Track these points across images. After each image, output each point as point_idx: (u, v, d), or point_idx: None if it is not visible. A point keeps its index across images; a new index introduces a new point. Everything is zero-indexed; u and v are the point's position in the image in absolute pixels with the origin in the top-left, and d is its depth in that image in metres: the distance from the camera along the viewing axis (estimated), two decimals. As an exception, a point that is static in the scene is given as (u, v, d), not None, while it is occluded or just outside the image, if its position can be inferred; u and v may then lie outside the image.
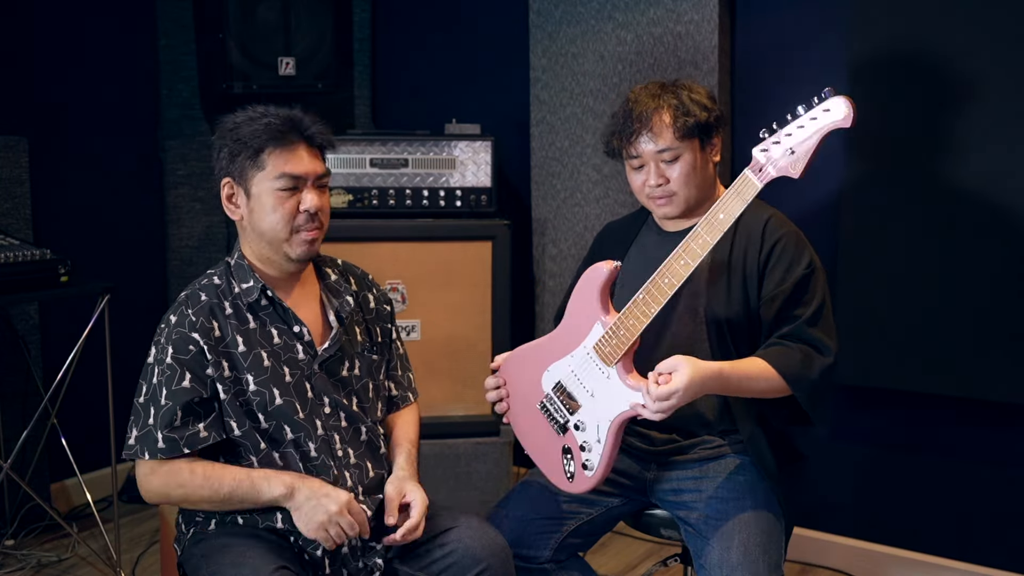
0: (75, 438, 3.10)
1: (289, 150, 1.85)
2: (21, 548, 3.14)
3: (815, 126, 1.69)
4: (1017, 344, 2.56)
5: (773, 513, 1.98)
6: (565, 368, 2.01)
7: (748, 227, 2.04)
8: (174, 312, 1.87)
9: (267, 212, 1.85)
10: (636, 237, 2.21)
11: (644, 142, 2.03)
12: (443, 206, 3.15)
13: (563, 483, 2.03)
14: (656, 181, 2.04)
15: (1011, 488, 2.73)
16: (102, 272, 3.10)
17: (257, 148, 1.84)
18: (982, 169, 2.58)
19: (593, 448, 1.95)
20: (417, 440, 2.10)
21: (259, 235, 1.88)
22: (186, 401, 1.80)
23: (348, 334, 1.99)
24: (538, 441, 2.07)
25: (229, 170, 1.88)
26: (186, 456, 1.81)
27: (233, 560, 1.77)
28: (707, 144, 2.05)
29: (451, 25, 3.73)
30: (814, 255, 2.02)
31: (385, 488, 1.93)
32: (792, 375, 1.89)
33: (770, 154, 1.73)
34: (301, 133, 1.87)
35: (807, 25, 2.90)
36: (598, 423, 1.94)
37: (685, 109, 2.01)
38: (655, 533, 2.17)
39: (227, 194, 1.89)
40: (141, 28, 3.59)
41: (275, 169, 1.84)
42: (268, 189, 1.85)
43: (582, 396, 1.98)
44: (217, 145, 1.90)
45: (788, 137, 1.71)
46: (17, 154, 3.19)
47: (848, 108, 1.66)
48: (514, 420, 2.13)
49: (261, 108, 1.90)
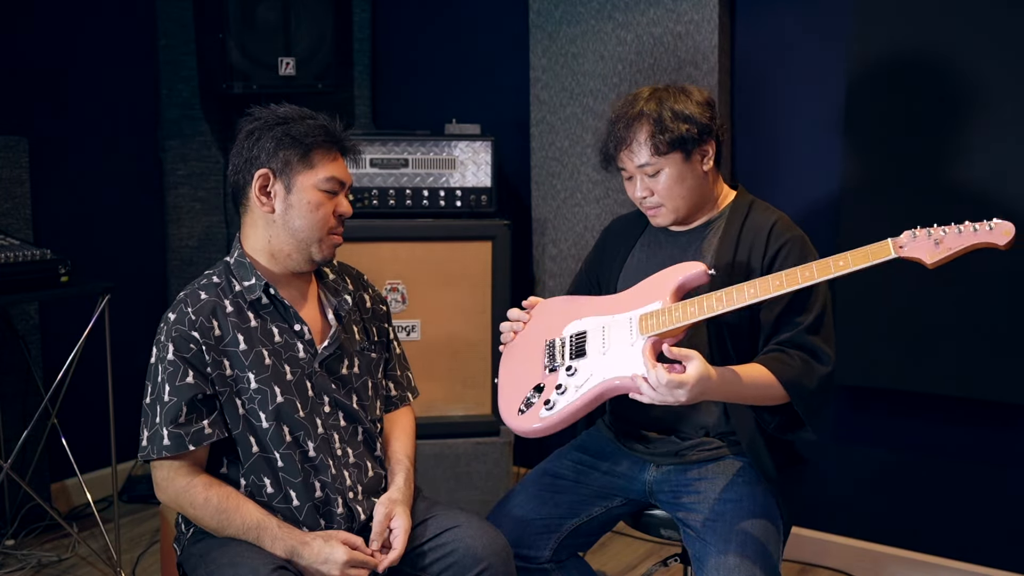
0: (75, 438, 3.10)
1: (334, 155, 1.90)
2: (21, 548, 3.14)
3: (972, 236, 1.68)
4: (1017, 344, 2.56)
5: (771, 516, 1.97)
6: (597, 323, 1.98)
7: (754, 229, 2.03)
8: (173, 310, 1.86)
9: (307, 211, 1.86)
10: (643, 233, 2.21)
11: (625, 158, 2.04)
12: (443, 206, 3.15)
13: (511, 415, 1.95)
14: (642, 193, 2.06)
15: (1011, 488, 2.73)
16: (102, 272, 3.10)
17: (309, 146, 1.86)
18: (982, 169, 2.58)
19: (568, 393, 1.89)
20: (414, 453, 2.10)
21: (290, 232, 1.88)
22: (190, 397, 1.80)
23: (347, 332, 1.99)
24: (517, 369, 2.04)
25: (269, 162, 1.86)
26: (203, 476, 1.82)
27: (231, 560, 1.77)
28: (693, 154, 2.02)
29: (451, 25, 3.73)
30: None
31: (375, 508, 1.91)
32: (791, 383, 1.89)
33: (918, 237, 1.71)
34: (342, 144, 1.92)
35: (807, 25, 2.90)
36: (591, 375, 1.88)
37: (663, 126, 1.99)
38: (655, 533, 2.17)
39: (261, 184, 1.87)
40: (141, 28, 3.59)
41: (324, 171, 1.87)
42: (312, 188, 1.86)
43: (595, 349, 1.93)
44: (256, 134, 1.87)
45: (943, 234, 1.71)
46: (17, 154, 3.19)
47: (1011, 236, 1.66)
48: (509, 347, 2.11)
49: (300, 108, 1.92)
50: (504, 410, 1.99)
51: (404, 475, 1.99)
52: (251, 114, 1.92)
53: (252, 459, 1.84)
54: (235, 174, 1.90)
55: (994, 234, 1.66)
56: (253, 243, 1.92)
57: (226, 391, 1.83)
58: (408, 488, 1.98)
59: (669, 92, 2.05)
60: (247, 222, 1.93)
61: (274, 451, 1.85)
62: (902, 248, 1.71)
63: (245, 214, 1.93)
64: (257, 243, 1.91)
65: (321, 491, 1.87)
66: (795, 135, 2.95)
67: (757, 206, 2.10)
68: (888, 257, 1.72)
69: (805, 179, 2.94)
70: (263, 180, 1.87)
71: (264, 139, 1.87)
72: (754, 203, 2.11)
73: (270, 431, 1.84)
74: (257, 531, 1.80)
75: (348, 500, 1.90)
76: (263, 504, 1.83)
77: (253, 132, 1.88)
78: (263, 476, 1.85)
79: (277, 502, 1.84)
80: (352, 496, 1.90)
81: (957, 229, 1.69)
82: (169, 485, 1.82)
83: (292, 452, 1.85)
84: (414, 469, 2.05)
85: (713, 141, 2.05)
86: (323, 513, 1.87)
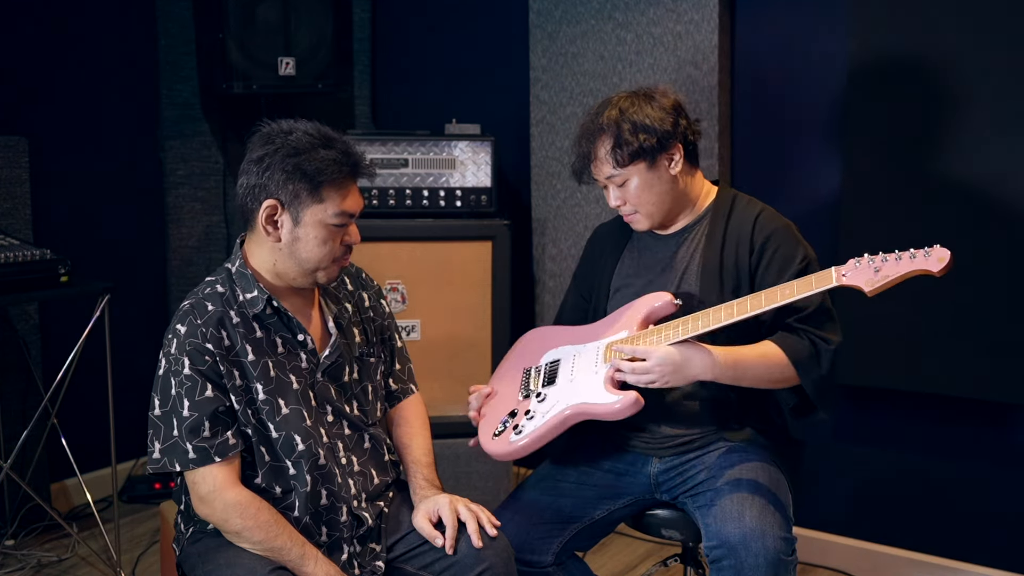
0: (75, 438, 3.10)
1: (347, 188, 1.84)
2: (21, 548, 3.14)
3: (909, 263, 1.76)
4: (1017, 344, 2.56)
5: (778, 472, 2.02)
6: (570, 352, 2.11)
7: (739, 224, 2.06)
8: (181, 323, 1.83)
9: (315, 244, 1.83)
10: (629, 241, 2.22)
11: (594, 170, 2.10)
12: (443, 206, 3.15)
13: (486, 438, 2.08)
14: (616, 202, 2.11)
15: (1011, 488, 2.73)
16: (102, 272, 3.10)
17: (320, 183, 1.80)
18: (982, 169, 2.58)
19: (535, 419, 2.01)
20: (431, 445, 2.10)
21: (296, 261, 1.85)
22: (212, 411, 1.79)
23: (347, 338, 1.99)
24: (497, 396, 2.17)
25: (278, 193, 1.80)
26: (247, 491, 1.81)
27: (229, 560, 1.78)
28: (658, 161, 2.04)
29: (451, 25, 3.73)
30: (807, 247, 2.05)
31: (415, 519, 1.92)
32: (801, 363, 1.93)
33: (860, 266, 1.80)
34: (356, 171, 1.85)
35: (807, 25, 2.90)
36: (557, 402, 2.00)
37: (621, 139, 2.02)
38: (655, 533, 2.17)
39: (268, 214, 1.82)
40: (141, 28, 3.59)
41: (334, 206, 1.81)
42: (321, 222, 1.82)
43: (564, 376, 2.06)
44: (266, 162, 1.81)
45: (883, 262, 1.79)
46: (17, 154, 3.19)
47: (945, 262, 1.73)
48: (496, 374, 2.25)
49: (316, 129, 1.84)
50: (481, 433, 2.11)
51: (428, 468, 2.03)
52: (264, 133, 1.85)
53: (266, 467, 1.84)
54: (243, 195, 1.85)
55: (929, 261, 1.74)
56: (258, 259, 1.89)
57: (241, 401, 1.82)
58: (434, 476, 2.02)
59: (632, 100, 2.07)
60: (253, 239, 1.89)
61: (286, 459, 1.85)
62: (844, 276, 1.81)
63: (251, 232, 1.89)
64: (262, 262, 1.88)
65: (327, 499, 1.87)
66: (795, 135, 2.95)
67: (740, 201, 2.13)
68: (830, 285, 1.82)
69: (805, 179, 2.94)
70: (271, 210, 1.82)
71: (275, 169, 1.80)
72: (737, 198, 2.13)
73: (280, 440, 1.84)
74: (303, 548, 1.79)
75: (353, 508, 1.90)
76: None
77: (263, 159, 1.81)
78: (275, 484, 1.85)
79: (282, 508, 1.84)
80: (357, 504, 1.90)
81: (896, 256, 1.77)
82: (216, 499, 1.79)
83: (303, 460, 1.84)
84: (435, 464, 2.07)
85: (679, 144, 2.06)
86: (326, 521, 1.87)
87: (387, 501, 1.99)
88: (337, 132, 1.88)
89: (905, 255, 1.76)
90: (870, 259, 1.80)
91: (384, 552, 1.92)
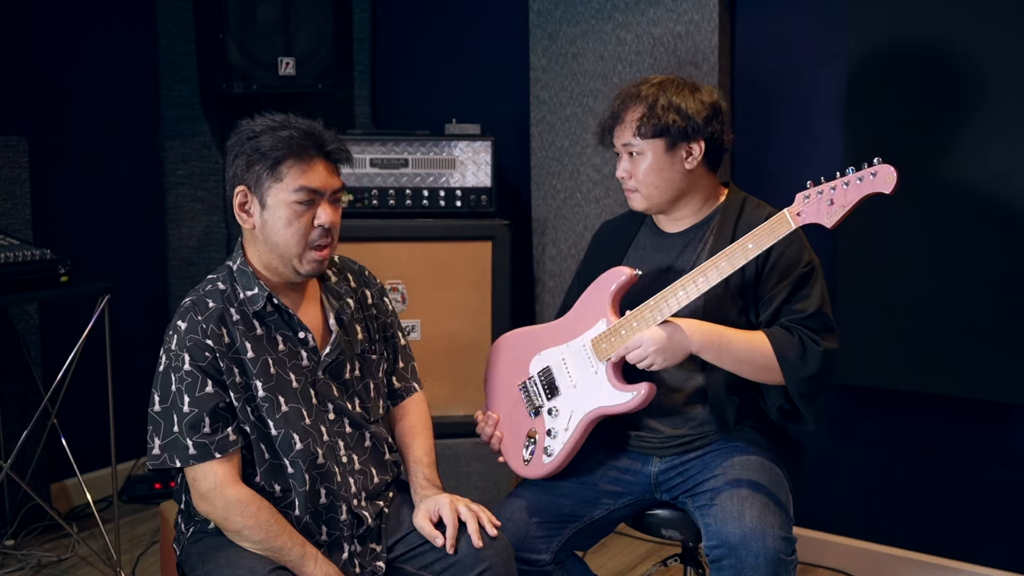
0: (75, 438, 3.10)
1: (308, 164, 1.83)
2: (21, 548, 3.14)
3: (859, 187, 1.76)
4: (1017, 344, 2.56)
5: (777, 471, 2.02)
6: (557, 356, 2.11)
7: (746, 227, 2.05)
8: (182, 319, 1.83)
9: (282, 225, 1.83)
10: (635, 238, 2.22)
11: (617, 133, 2.11)
12: (443, 206, 3.15)
13: (519, 466, 2.11)
14: (622, 174, 2.12)
15: (1010, 488, 2.73)
16: (102, 272, 3.10)
17: (277, 159, 1.81)
18: (982, 169, 2.58)
19: (559, 436, 2.03)
20: (432, 445, 2.10)
21: (271, 247, 1.86)
22: (212, 407, 1.79)
23: (348, 335, 1.99)
24: (506, 420, 2.16)
25: (244, 178, 1.85)
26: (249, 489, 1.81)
27: (229, 560, 1.78)
28: (676, 147, 2.05)
29: (451, 25, 3.73)
30: (812, 254, 2.05)
31: (416, 519, 1.92)
32: (786, 359, 1.93)
33: (810, 200, 1.80)
34: (321, 149, 1.85)
35: (807, 25, 2.90)
36: (572, 412, 2.03)
37: (653, 112, 2.04)
38: (655, 533, 2.17)
39: (240, 202, 1.86)
40: (141, 28, 3.59)
41: (293, 182, 1.82)
42: (284, 201, 1.82)
43: (565, 385, 2.07)
44: (233, 151, 1.86)
45: (832, 191, 1.78)
46: (17, 154, 3.19)
47: (893, 179, 1.73)
48: (491, 395, 2.23)
49: (280, 117, 1.88)
50: (511, 461, 2.16)
51: (430, 468, 2.03)
52: (235, 128, 1.90)
53: (265, 465, 1.84)
54: (226, 190, 1.90)
55: (878, 182, 1.74)
56: (252, 255, 1.91)
57: (240, 397, 1.83)
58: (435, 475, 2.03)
59: (678, 84, 2.10)
60: (245, 235, 1.92)
61: (284, 458, 1.85)
62: (800, 216, 1.81)
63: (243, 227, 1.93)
64: (253, 255, 1.91)
65: (326, 498, 1.87)
66: (795, 135, 2.95)
67: (749, 204, 2.13)
68: (790, 229, 1.82)
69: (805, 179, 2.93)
70: (241, 197, 1.86)
71: (239, 155, 1.85)
72: (746, 200, 2.14)
73: (279, 438, 1.84)
74: (303, 548, 1.79)
75: (353, 507, 1.90)
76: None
77: (231, 149, 1.87)
78: (273, 482, 1.85)
79: (282, 507, 1.84)
80: (356, 503, 1.90)
81: (844, 183, 1.76)
82: (217, 496, 1.79)
83: (300, 459, 1.84)
84: (436, 464, 2.07)
85: (702, 141, 2.07)
86: (326, 520, 1.87)
87: (387, 500, 1.99)
88: (313, 120, 1.89)
89: (852, 179, 1.75)
90: (818, 191, 1.79)
91: (384, 552, 1.92)
